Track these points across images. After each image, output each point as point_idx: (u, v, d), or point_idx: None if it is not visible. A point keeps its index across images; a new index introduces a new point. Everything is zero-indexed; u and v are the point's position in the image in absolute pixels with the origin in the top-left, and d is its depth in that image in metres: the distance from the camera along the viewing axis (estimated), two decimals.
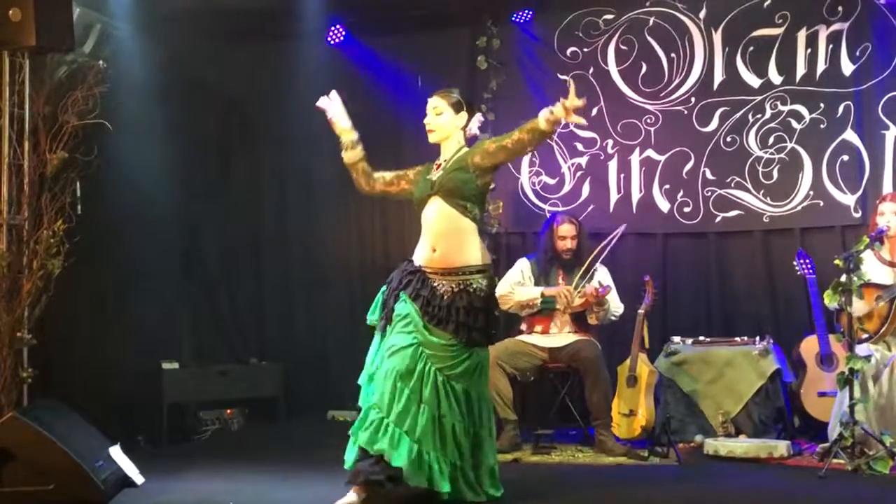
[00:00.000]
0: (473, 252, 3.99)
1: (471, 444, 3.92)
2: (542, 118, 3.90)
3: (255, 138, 6.70)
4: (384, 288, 4.10)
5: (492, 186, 6.19)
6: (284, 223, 6.75)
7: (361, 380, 4.05)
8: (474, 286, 3.93)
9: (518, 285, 5.64)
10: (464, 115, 4.08)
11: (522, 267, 5.77)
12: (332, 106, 4.23)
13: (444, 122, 4.06)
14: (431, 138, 4.08)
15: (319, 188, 6.58)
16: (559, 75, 6.47)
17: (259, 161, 6.76)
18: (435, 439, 3.83)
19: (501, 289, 5.63)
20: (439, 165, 4.08)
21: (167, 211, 6.27)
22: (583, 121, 4.06)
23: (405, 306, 3.93)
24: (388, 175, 4.23)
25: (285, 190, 6.73)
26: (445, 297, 3.90)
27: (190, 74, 6.23)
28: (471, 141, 4.18)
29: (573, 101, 3.84)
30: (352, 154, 4.19)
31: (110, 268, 5.81)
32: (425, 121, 4.08)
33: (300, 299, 6.69)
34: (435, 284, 3.93)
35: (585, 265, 5.42)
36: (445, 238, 3.95)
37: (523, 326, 5.67)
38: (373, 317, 4.10)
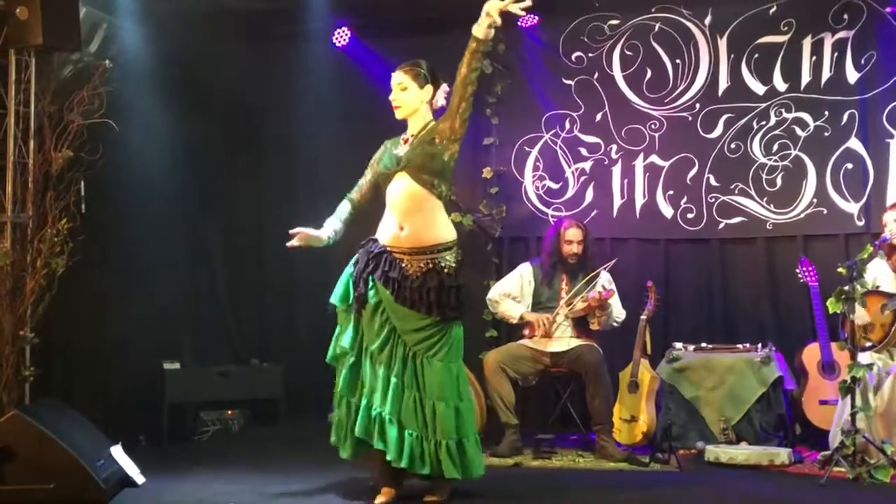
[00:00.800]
0: (441, 230, 3.96)
1: (455, 419, 3.91)
2: (475, 26, 3.88)
3: (259, 139, 6.69)
4: (349, 269, 4.07)
5: (494, 190, 6.51)
6: (288, 224, 6.60)
7: (332, 358, 4.06)
8: (443, 264, 3.92)
9: (507, 297, 5.65)
10: (429, 88, 4.04)
11: (523, 272, 5.77)
12: (301, 239, 4.22)
13: (410, 97, 4.02)
14: (398, 114, 4.03)
15: (324, 190, 6.31)
16: (564, 80, 6.49)
17: (263, 162, 6.75)
18: (418, 421, 3.86)
19: (492, 293, 5.72)
20: (406, 140, 4.04)
21: (171, 211, 6.26)
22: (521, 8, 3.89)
23: (377, 293, 3.92)
24: (363, 183, 4.18)
25: (289, 191, 6.70)
26: (416, 279, 3.88)
27: (195, 75, 6.22)
28: (438, 113, 4.11)
29: None
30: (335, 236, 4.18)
31: (113, 267, 5.81)
32: (390, 97, 4.04)
33: (302, 300, 6.67)
34: (404, 265, 3.92)
35: (583, 282, 5.43)
36: (413, 216, 3.92)
37: (526, 331, 5.67)
38: (339, 301, 4.05)
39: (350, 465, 4.27)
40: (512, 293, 5.68)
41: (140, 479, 4.48)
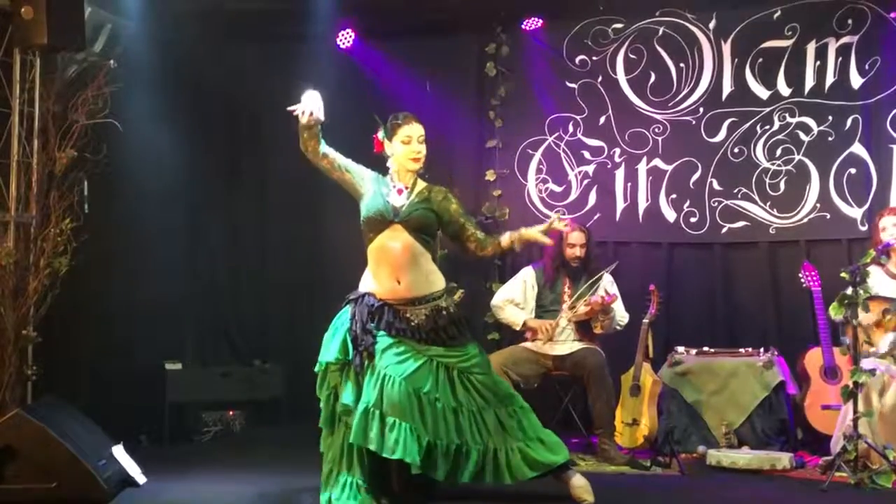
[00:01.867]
0: (435, 279, 4.05)
1: (518, 420, 4.04)
2: (508, 237, 4.11)
3: (262, 141, 6.67)
4: (338, 325, 4.06)
5: (497, 193, 6.53)
6: (290, 225, 6.73)
7: (327, 420, 4.04)
8: (444, 305, 4.01)
9: (510, 303, 5.65)
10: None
11: (526, 276, 5.76)
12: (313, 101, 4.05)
13: (425, 152, 4.08)
14: (416, 167, 4.04)
15: (326, 191, 6.29)
16: (567, 83, 6.51)
17: (266, 164, 6.73)
18: (474, 433, 3.95)
19: (496, 300, 5.70)
20: (400, 191, 4.03)
21: (173, 211, 6.27)
22: (548, 241, 4.21)
23: (387, 340, 3.95)
24: (340, 160, 4.12)
25: (292, 193, 6.70)
26: (424, 324, 3.96)
27: (199, 75, 6.23)
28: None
29: (549, 227, 4.08)
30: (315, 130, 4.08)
31: (116, 267, 5.82)
32: (414, 148, 4.01)
33: (304, 301, 6.66)
34: (408, 316, 3.97)
35: (586, 286, 5.43)
36: (410, 270, 3.96)
37: (528, 333, 5.65)
38: (336, 357, 3.99)
39: None
40: (515, 299, 5.67)
41: (141, 478, 4.49)
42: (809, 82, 6.13)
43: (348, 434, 3.91)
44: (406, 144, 4.03)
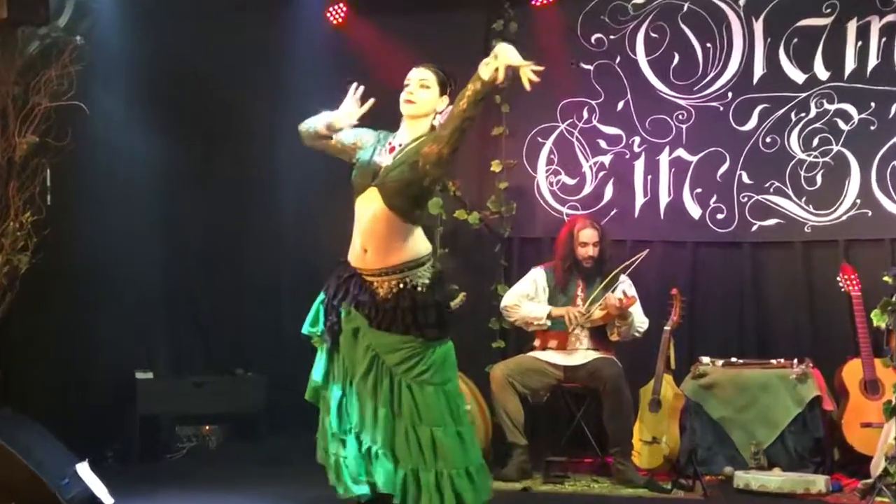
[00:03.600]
0: (410, 247, 3.90)
1: (459, 446, 3.86)
2: (481, 66, 3.75)
3: (244, 127, 6.64)
4: (322, 296, 4.05)
5: (503, 186, 6.48)
6: (274, 221, 6.74)
7: (311, 393, 4.04)
8: (416, 282, 3.87)
9: (527, 298, 5.66)
10: (445, 99, 3.95)
11: (536, 277, 5.78)
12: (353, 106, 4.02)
13: (428, 98, 3.92)
14: (407, 110, 3.88)
15: (313, 184, 6.51)
16: (583, 65, 6.49)
17: (247, 152, 6.70)
18: (412, 453, 3.81)
19: (508, 300, 5.71)
20: (392, 148, 3.92)
21: (145, 204, 6.26)
22: (532, 76, 3.79)
23: (352, 318, 3.91)
24: (347, 140, 4.02)
25: (275, 185, 6.70)
26: (388, 300, 3.86)
27: (176, 55, 6.20)
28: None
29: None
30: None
31: (81, 265, 5.80)
32: (407, 90, 3.90)
33: (289, 305, 6.62)
34: (374, 287, 3.89)
35: (600, 287, 5.44)
36: (376, 239, 3.87)
37: (536, 342, 5.68)
38: (313, 329, 4.03)
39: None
40: (529, 294, 5.70)
41: (108, 499, 4.47)
42: (850, 65, 6.12)
43: (336, 410, 3.94)
44: (405, 87, 3.95)
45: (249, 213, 6.74)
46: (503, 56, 3.73)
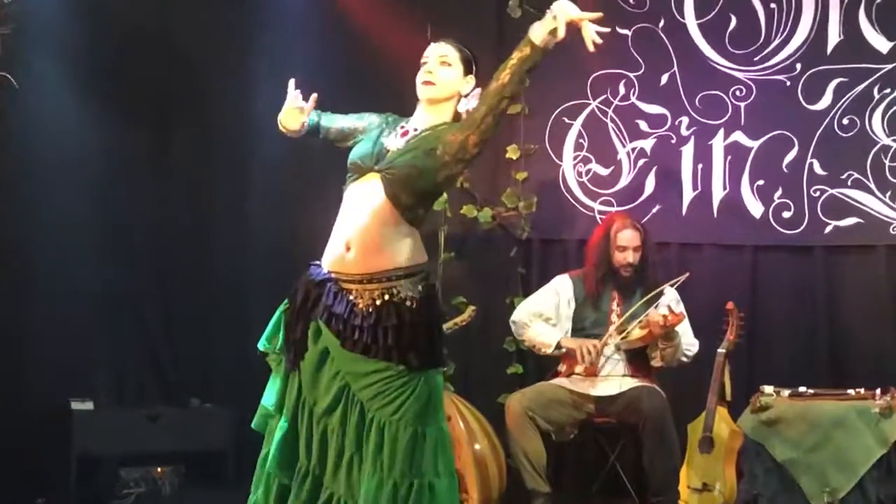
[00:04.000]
0: (402, 252, 3.87)
1: (429, 501, 3.83)
2: (534, 27, 3.79)
3: (207, 107, 6.58)
4: (285, 303, 4.04)
5: (522, 177, 6.51)
6: (242, 222, 6.70)
7: (259, 422, 4.06)
8: (403, 295, 3.84)
9: (540, 318, 5.67)
10: (471, 80, 3.99)
11: (560, 287, 5.80)
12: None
13: (450, 77, 3.95)
14: (426, 93, 3.92)
15: (292, 177, 6.52)
16: (618, 29, 6.41)
17: (211, 137, 6.62)
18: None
19: (518, 315, 5.75)
20: (406, 133, 3.95)
21: (87, 198, 6.23)
22: (595, 37, 3.80)
23: (320, 337, 3.89)
24: (347, 125, 4.12)
25: (245, 177, 6.65)
26: (368, 316, 3.82)
27: (122, 17, 6.18)
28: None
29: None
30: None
31: (6, 273, 5.81)
32: (426, 68, 3.94)
33: (259, 323, 6.18)
34: (352, 297, 3.85)
35: (641, 301, 5.47)
36: (365, 235, 3.85)
37: (561, 367, 5.68)
38: (269, 345, 4.05)
39: None
40: (545, 314, 5.70)
41: None
42: None
43: (279, 444, 3.94)
44: (422, 66, 3.98)
45: (212, 208, 6.69)
46: (562, 10, 3.71)
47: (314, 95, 4.03)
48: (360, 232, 3.83)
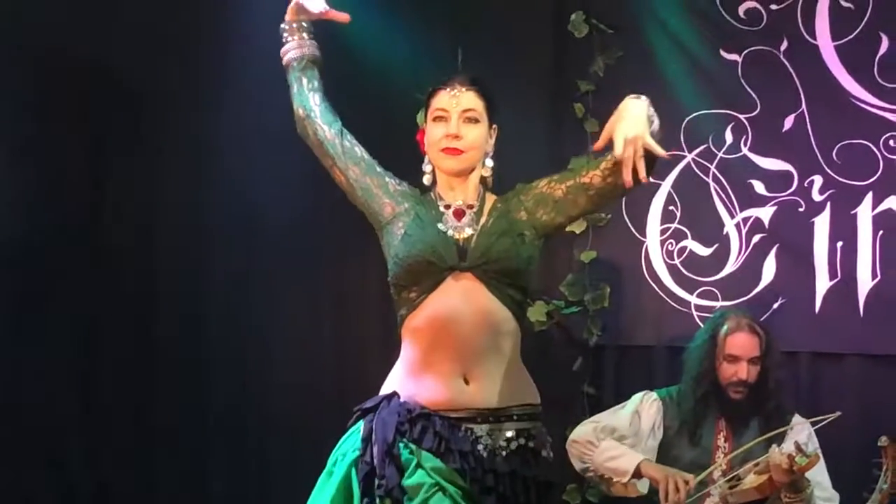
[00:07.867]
0: (528, 379, 3.92)
1: None
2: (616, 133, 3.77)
3: (155, 134, 6.49)
4: (339, 456, 3.85)
5: (589, 258, 6.23)
6: (202, 286, 6.53)
7: None
8: (542, 441, 3.88)
9: (610, 434, 5.29)
10: (494, 130, 3.99)
11: (643, 408, 5.43)
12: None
13: (480, 139, 3.89)
14: (451, 165, 3.87)
15: (270, 224, 6.37)
16: (724, 54, 6.06)
17: (162, 173, 6.52)
18: None
19: (580, 432, 5.42)
20: (460, 212, 3.88)
21: (4, 251, 6.14)
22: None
23: (421, 471, 3.74)
24: (365, 156, 4.00)
25: (208, 225, 6.47)
26: (496, 458, 3.78)
27: (46, 23, 6.09)
28: None
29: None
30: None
31: None
32: (447, 129, 3.84)
33: (218, 377, 6.36)
34: (479, 435, 3.79)
35: (760, 438, 5.10)
36: (487, 360, 3.80)
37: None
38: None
39: None
40: (619, 430, 5.36)
41: None
42: None
43: None
44: (437, 123, 3.87)
45: (160, 242, 6.52)
46: (632, 128, 3.76)
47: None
48: (481, 356, 3.82)
